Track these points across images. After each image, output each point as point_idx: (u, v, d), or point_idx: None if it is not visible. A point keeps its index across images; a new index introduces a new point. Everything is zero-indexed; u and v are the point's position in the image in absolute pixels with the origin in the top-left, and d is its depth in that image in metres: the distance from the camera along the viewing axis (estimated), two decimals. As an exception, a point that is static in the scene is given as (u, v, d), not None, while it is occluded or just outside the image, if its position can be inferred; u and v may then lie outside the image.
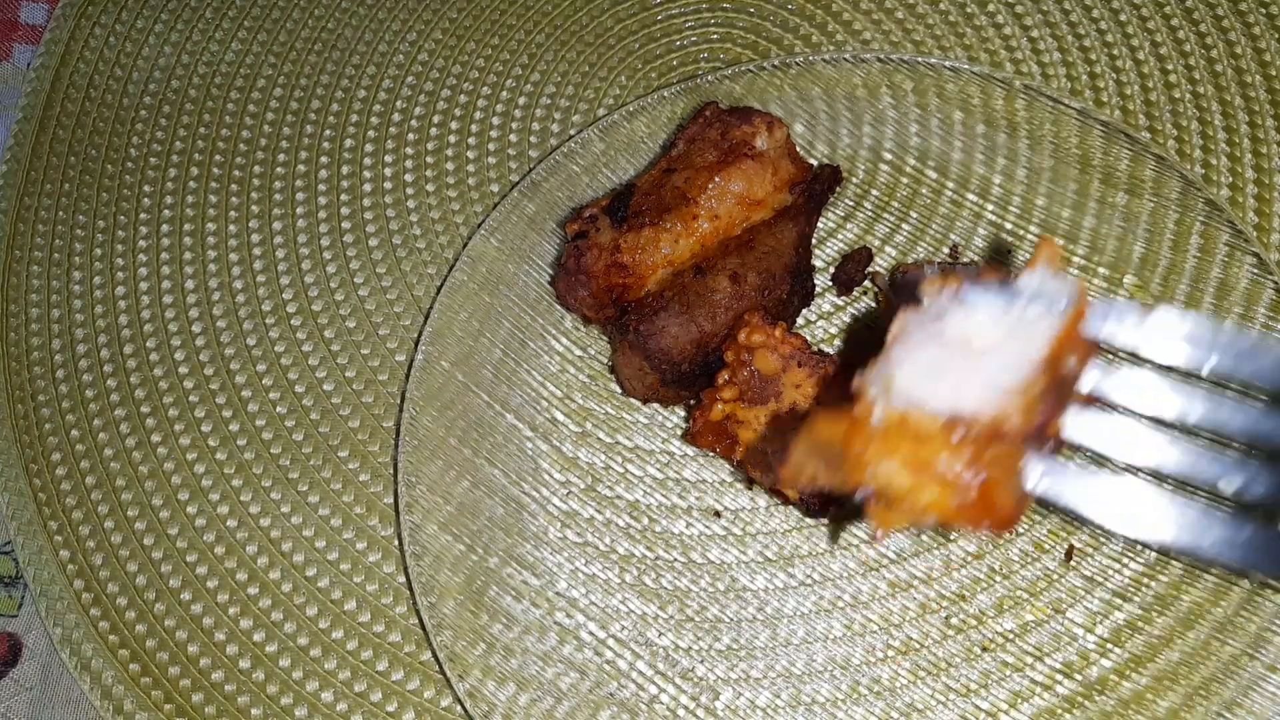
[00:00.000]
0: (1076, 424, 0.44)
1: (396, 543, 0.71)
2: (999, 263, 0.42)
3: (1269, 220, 0.75)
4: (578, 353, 0.74)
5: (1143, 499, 0.41)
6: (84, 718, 0.69)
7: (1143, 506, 0.41)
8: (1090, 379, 0.44)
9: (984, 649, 0.65)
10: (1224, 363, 0.41)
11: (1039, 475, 0.43)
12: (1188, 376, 0.42)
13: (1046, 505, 0.51)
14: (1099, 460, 0.43)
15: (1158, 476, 0.42)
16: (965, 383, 0.42)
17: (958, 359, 0.43)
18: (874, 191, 0.77)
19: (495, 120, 0.85)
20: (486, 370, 0.73)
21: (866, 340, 0.64)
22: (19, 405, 0.77)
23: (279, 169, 0.85)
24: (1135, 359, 0.43)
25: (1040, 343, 0.42)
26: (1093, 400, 0.44)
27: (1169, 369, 0.42)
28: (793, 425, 0.58)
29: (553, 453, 0.71)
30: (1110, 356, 0.44)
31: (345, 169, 0.84)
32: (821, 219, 0.75)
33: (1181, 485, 0.41)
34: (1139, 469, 0.43)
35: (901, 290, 0.70)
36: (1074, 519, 0.42)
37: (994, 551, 0.67)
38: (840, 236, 0.76)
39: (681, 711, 0.65)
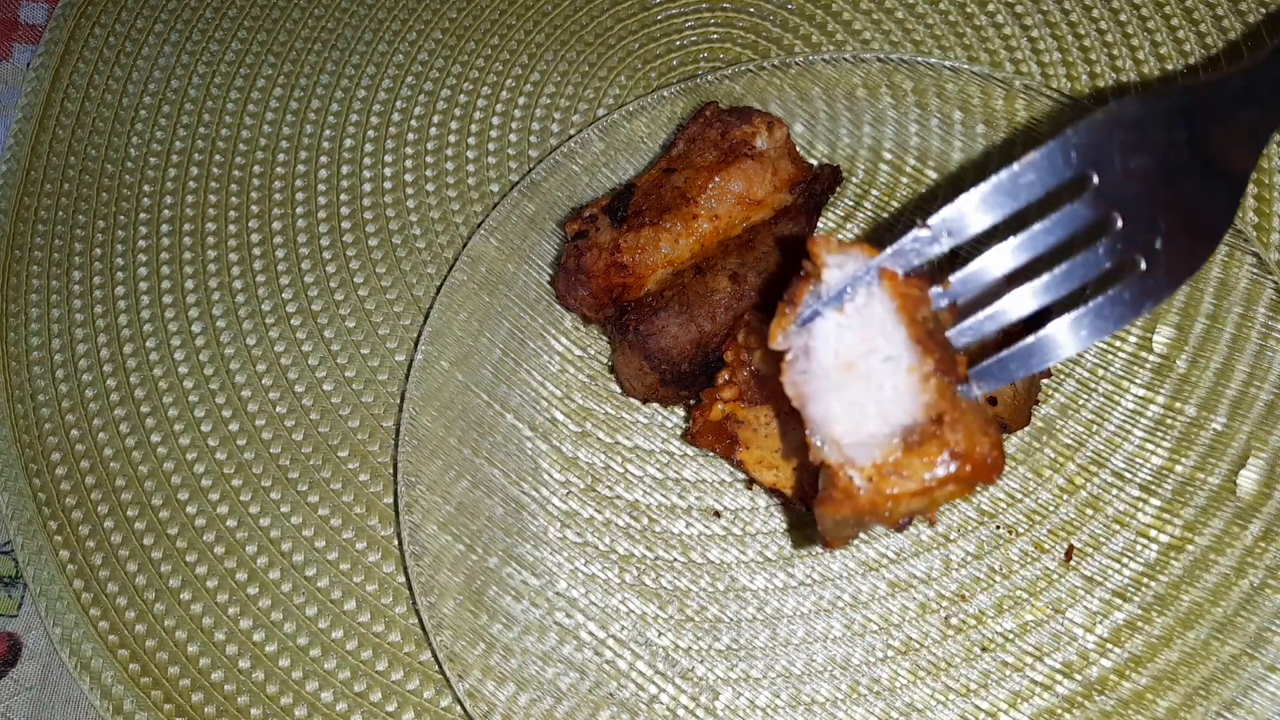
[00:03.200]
0: (961, 338, 0.50)
1: (396, 543, 0.71)
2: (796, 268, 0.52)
3: (1269, 220, 0.75)
4: (578, 353, 0.74)
5: (1045, 333, 0.49)
6: (84, 718, 0.69)
7: (1048, 336, 0.49)
8: (939, 299, 0.50)
9: (984, 649, 0.65)
10: (1007, 203, 0.47)
11: (978, 388, 0.49)
12: (994, 235, 0.49)
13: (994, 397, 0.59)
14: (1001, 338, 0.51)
15: (1040, 315, 0.49)
16: (881, 398, 0.47)
17: (858, 384, 0.48)
18: (874, 191, 0.77)
19: (495, 120, 0.85)
20: (486, 370, 0.73)
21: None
22: (19, 405, 0.77)
23: (279, 169, 0.85)
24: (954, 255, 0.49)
25: (892, 321, 0.48)
26: (955, 310, 0.50)
27: (981, 241, 0.49)
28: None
29: (553, 453, 0.71)
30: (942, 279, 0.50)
31: (345, 169, 0.84)
32: (821, 219, 0.75)
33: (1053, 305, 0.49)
34: (1023, 318, 0.49)
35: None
36: (1015, 377, 0.50)
37: (994, 551, 0.67)
38: (840, 236, 0.76)
39: (681, 711, 0.65)
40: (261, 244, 0.82)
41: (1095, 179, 0.47)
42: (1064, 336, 0.48)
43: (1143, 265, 0.47)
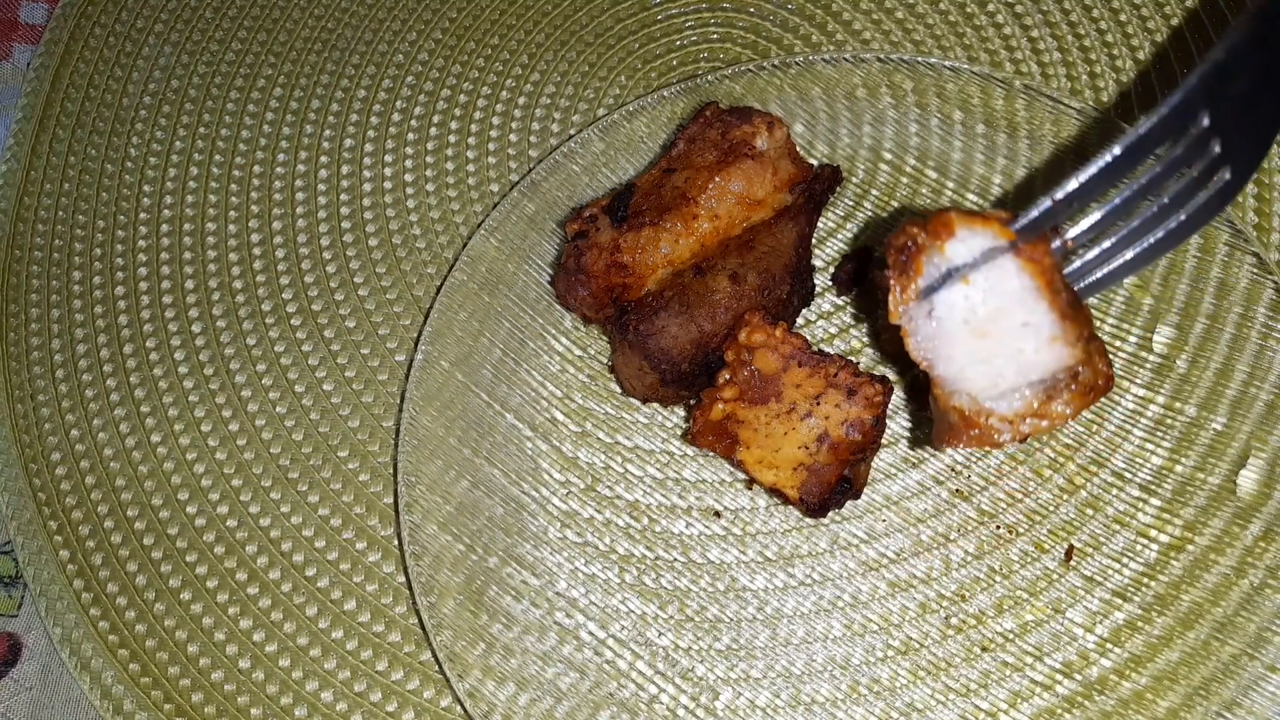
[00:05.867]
0: (1075, 276, 0.52)
1: (396, 543, 0.71)
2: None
3: (1269, 220, 0.75)
4: (578, 353, 0.74)
5: (1135, 232, 0.51)
6: (84, 718, 0.69)
7: (1138, 234, 0.51)
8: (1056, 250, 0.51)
9: (984, 649, 0.65)
10: (1134, 164, 0.49)
11: (1080, 284, 0.51)
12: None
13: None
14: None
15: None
16: (1021, 361, 0.49)
17: (991, 347, 0.49)
18: (874, 191, 0.77)
19: (495, 120, 0.85)
20: (486, 370, 0.73)
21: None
22: (19, 405, 0.77)
23: (279, 169, 0.85)
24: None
25: (1033, 296, 0.49)
26: (1067, 246, 0.51)
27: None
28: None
29: (553, 453, 0.71)
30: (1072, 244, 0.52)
31: (345, 169, 0.84)
32: (821, 219, 0.75)
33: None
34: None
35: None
36: (1109, 284, 0.53)
37: (994, 552, 0.67)
38: (840, 236, 0.76)
39: (681, 711, 0.65)
40: (261, 244, 0.82)
41: (1206, 120, 0.48)
42: (1157, 247, 0.51)
43: (1227, 177, 0.49)
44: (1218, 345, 0.69)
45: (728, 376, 0.63)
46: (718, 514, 0.69)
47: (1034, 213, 0.49)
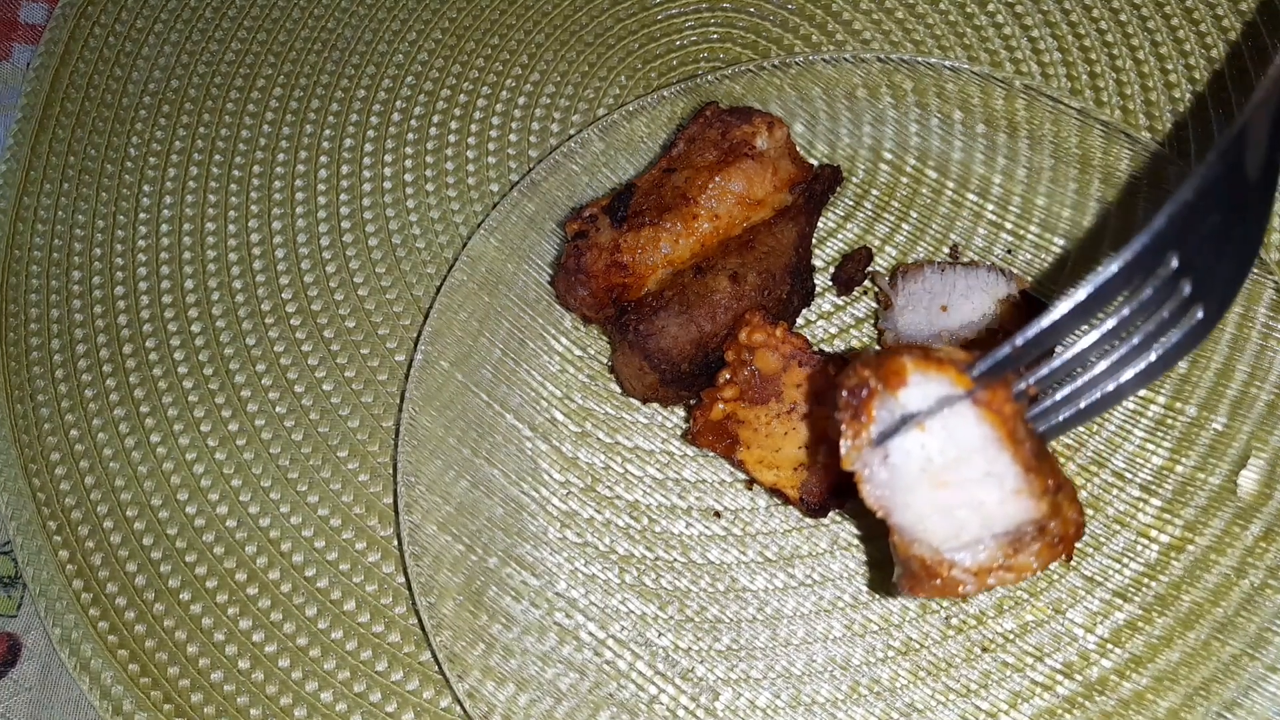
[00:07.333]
0: (1039, 421, 0.49)
1: (396, 543, 0.71)
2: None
3: (1269, 220, 0.75)
4: (578, 353, 0.74)
5: (1104, 374, 0.47)
6: (84, 718, 0.69)
7: (1111, 392, 0.47)
8: (1019, 393, 0.48)
9: (984, 649, 0.65)
10: (1098, 307, 0.46)
11: (1043, 427, 0.48)
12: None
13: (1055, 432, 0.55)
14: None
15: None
16: (984, 512, 0.46)
17: (952, 497, 0.46)
18: (874, 191, 0.77)
19: (495, 120, 0.85)
20: (486, 370, 0.73)
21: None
22: (19, 405, 0.77)
23: (279, 169, 0.85)
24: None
25: (995, 446, 0.46)
26: (1031, 390, 0.48)
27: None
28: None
29: (553, 453, 0.71)
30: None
31: (345, 169, 0.84)
32: (821, 219, 0.75)
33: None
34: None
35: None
36: (1079, 422, 0.49)
37: (994, 551, 0.67)
38: (840, 236, 0.76)
39: (681, 711, 0.65)
40: (261, 244, 0.82)
41: (1175, 262, 0.45)
42: (1126, 388, 0.48)
43: (1200, 315, 0.46)
44: (1218, 345, 0.69)
45: (728, 376, 0.63)
46: (718, 514, 0.69)
47: (992, 359, 0.46)
